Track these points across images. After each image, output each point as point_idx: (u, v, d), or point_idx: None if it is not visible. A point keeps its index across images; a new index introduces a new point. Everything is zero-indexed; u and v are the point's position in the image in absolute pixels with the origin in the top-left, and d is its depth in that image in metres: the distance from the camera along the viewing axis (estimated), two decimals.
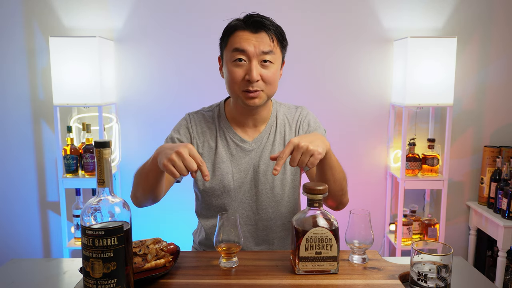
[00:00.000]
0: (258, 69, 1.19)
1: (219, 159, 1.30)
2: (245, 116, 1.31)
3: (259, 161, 1.31)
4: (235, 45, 1.20)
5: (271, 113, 1.35)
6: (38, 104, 2.46)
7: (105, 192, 0.84)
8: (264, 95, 1.23)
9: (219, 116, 1.34)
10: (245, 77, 1.19)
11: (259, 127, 1.33)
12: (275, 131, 1.34)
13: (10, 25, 2.39)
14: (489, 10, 2.45)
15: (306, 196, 1.02)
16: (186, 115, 1.37)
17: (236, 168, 1.30)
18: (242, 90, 1.21)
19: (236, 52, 1.19)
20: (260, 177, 1.30)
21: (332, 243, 0.99)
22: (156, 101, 2.47)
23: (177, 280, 0.99)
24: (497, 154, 2.42)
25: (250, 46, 1.18)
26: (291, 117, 1.37)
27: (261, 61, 1.20)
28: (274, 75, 1.22)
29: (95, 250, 0.81)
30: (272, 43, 1.21)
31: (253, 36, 1.19)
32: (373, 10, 2.43)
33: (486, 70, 2.49)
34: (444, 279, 0.88)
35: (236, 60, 1.20)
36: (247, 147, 1.31)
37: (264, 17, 1.22)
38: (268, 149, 1.32)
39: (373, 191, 2.58)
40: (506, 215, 2.24)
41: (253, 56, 1.19)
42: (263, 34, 1.20)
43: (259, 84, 1.20)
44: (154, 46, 2.44)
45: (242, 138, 1.31)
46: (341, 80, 2.49)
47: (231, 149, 1.31)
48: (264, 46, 1.19)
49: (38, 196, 2.54)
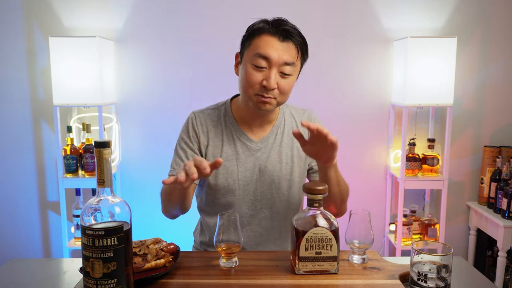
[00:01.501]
0: (277, 77, 1.19)
1: (224, 157, 1.29)
2: (252, 117, 1.31)
3: (266, 162, 1.31)
4: (259, 49, 1.18)
5: (279, 114, 1.36)
6: (38, 104, 2.46)
7: (105, 192, 0.84)
8: (276, 102, 1.23)
9: (225, 115, 1.34)
10: (262, 82, 1.19)
11: (265, 127, 1.33)
12: (283, 131, 1.34)
13: (10, 25, 2.39)
14: (489, 10, 2.45)
15: (306, 196, 1.02)
16: (191, 114, 1.36)
17: (242, 167, 1.30)
18: (255, 93, 1.20)
19: (260, 57, 1.18)
20: (266, 177, 1.31)
21: (332, 243, 0.99)
22: (156, 101, 2.47)
23: (177, 280, 1.00)
24: (497, 154, 2.42)
25: (275, 53, 1.17)
26: (299, 119, 1.38)
27: (281, 70, 1.19)
28: (290, 86, 1.23)
29: (95, 250, 0.81)
30: (296, 55, 1.21)
31: (279, 45, 1.18)
32: (373, 10, 2.43)
33: (486, 70, 2.49)
34: (444, 279, 0.88)
35: (257, 64, 1.18)
36: (253, 147, 1.31)
37: (292, 26, 1.22)
38: (275, 150, 1.32)
39: (373, 191, 2.58)
40: (506, 215, 2.24)
41: (275, 64, 1.18)
42: (290, 44, 1.20)
43: (274, 92, 1.20)
44: (154, 46, 2.44)
45: (249, 137, 1.31)
46: (341, 80, 2.49)
47: (237, 148, 1.30)
48: (288, 57, 1.19)
49: (38, 196, 2.54)
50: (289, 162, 1.33)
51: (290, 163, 1.33)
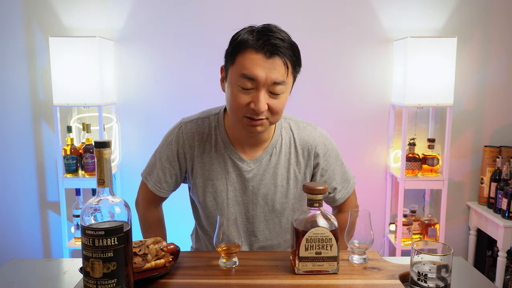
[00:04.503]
0: (266, 98, 1.07)
1: (212, 175, 1.21)
2: (244, 136, 1.20)
3: (259, 184, 1.22)
4: (244, 70, 1.05)
5: (275, 131, 1.23)
6: (38, 104, 2.46)
7: (105, 192, 0.84)
8: (268, 123, 1.12)
9: (216, 128, 1.22)
10: (250, 105, 1.07)
11: (259, 147, 1.22)
12: (279, 151, 1.22)
13: (10, 25, 2.39)
14: (489, 10, 2.45)
15: (306, 196, 1.02)
16: (179, 124, 1.26)
17: (231, 187, 1.22)
18: (244, 116, 1.09)
19: (245, 78, 1.05)
20: (259, 200, 1.23)
21: (332, 243, 0.99)
22: (156, 101, 2.47)
23: (177, 280, 0.99)
24: (497, 154, 2.42)
25: (262, 73, 1.04)
26: (299, 136, 1.24)
27: (270, 90, 1.07)
28: (282, 104, 1.10)
29: (95, 250, 0.81)
30: (286, 72, 1.07)
31: (266, 62, 1.04)
32: (373, 10, 2.43)
33: (486, 70, 2.49)
34: (444, 279, 0.88)
35: (243, 86, 1.06)
36: (244, 167, 1.21)
37: (281, 38, 1.06)
38: (269, 172, 1.22)
39: (373, 191, 2.58)
40: (506, 215, 2.24)
41: (263, 85, 1.06)
42: (278, 61, 1.05)
43: (264, 113, 1.08)
44: (154, 46, 2.44)
45: (240, 157, 1.21)
46: (341, 80, 2.49)
47: (228, 167, 1.21)
48: (277, 76, 1.05)
49: (38, 196, 2.54)
50: (285, 185, 1.23)
51: (286, 185, 1.23)
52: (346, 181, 1.31)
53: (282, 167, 1.23)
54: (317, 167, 1.25)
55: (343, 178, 1.30)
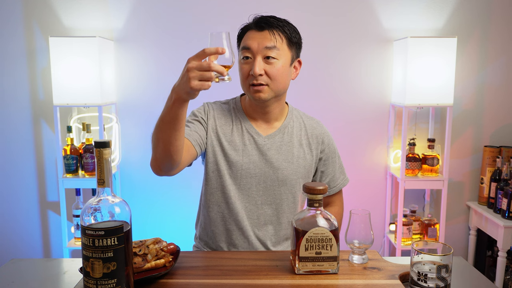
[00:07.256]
0: (262, 64, 1.24)
1: (231, 146, 1.33)
2: (257, 112, 1.35)
3: (272, 159, 1.33)
4: (243, 43, 1.28)
5: (287, 116, 1.39)
6: (38, 104, 2.46)
7: (105, 192, 0.84)
8: (270, 90, 1.27)
9: (235, 108, 1.39)
10: (250, 72, 1.25)
11: (272, 125, 1.37)
12: (292, 132, 1.37)
13: (10, 25, 2.39)
14: (489, 10, 2.45)
15: (306, 196, 1.02)
16: (203, 103, 1.41)
17: (246, 159, 1.32)
18: (249, 84, 1.26)
19: (244, 50, 1.27)
20: (271, 174, 1.32)
21: (332, 243, 0.99)
22: (156, 101, 2.47)
23: (177, 280, 1.00)
24: (497, 154, 2.42)
25: (254, 43, 1.25)
26: (309, 125, 1.41)
27: (265, 57, 1.24)
28: (278, 70, 1.26)
29: (95, 250, 0.81)
30: (275, 39, 1.25)
31: (257, 34, 1.26)
32: (373, 10, 2.43)
33: (486, 70, 2.49)
34: (444, 279, 0.88)
35: (244, 57, 1.27)
36: (260, 141, 1.33)
37: (272, 17, 1.29)
38: (283, 148, 1.34)
39: (373, 191, 2.58)
40: (506, 215, 2.24)
41: (257, 52, 1.25)
42: (269, 31, 1.26)
43: (263, 78, 1.25)
44: (154, 46, 2.44)
45: (257, 131, 1.35)
46: (341, 80, 2.49)
47: (245, 139, 1.33)
48: (267, 42, 1.24)
49: (38, 196, 2.54)
50: (295, 162, 1.35)
51: (296, 163, 1.35)
52: (342, 172, 1.47)
53: (294, 146, 1.36)
54: (323, 153, 1.41)
55: (340, 169, 1.46)
